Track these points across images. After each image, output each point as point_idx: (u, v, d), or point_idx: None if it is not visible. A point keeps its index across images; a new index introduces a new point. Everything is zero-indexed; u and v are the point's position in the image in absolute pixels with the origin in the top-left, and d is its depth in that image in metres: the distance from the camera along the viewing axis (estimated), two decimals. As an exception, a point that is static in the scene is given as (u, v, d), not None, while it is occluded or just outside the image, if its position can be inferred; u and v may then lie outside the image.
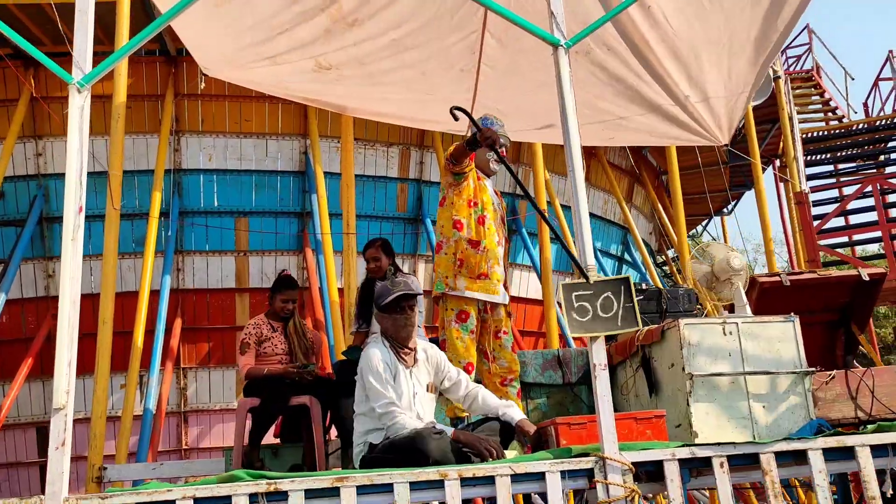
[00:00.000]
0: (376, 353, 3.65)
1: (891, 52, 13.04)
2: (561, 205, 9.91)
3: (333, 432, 5.82)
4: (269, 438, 5.42)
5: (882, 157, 13.54)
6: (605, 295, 3.37)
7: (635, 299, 3.39)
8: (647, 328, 4.80)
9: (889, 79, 13.32)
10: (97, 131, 8.47)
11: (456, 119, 4.41)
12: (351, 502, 3.11)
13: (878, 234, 9.52)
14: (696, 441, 3.95)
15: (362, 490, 3.14)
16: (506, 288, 4.99)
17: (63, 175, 3.65)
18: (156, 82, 9.26)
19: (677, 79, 5.95)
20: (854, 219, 11.35)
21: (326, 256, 7.84)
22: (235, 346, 9.49)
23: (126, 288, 8.85)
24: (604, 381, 3.26)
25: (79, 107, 3.34)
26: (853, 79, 15.46)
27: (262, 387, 5.02)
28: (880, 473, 3.31)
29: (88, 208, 4.11)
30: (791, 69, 15.75)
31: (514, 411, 3.75)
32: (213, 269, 9.29)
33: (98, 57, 3.31)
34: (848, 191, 13.14)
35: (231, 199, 9.33)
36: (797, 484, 7.08)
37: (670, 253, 15.93)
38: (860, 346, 5.63)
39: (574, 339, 9.52)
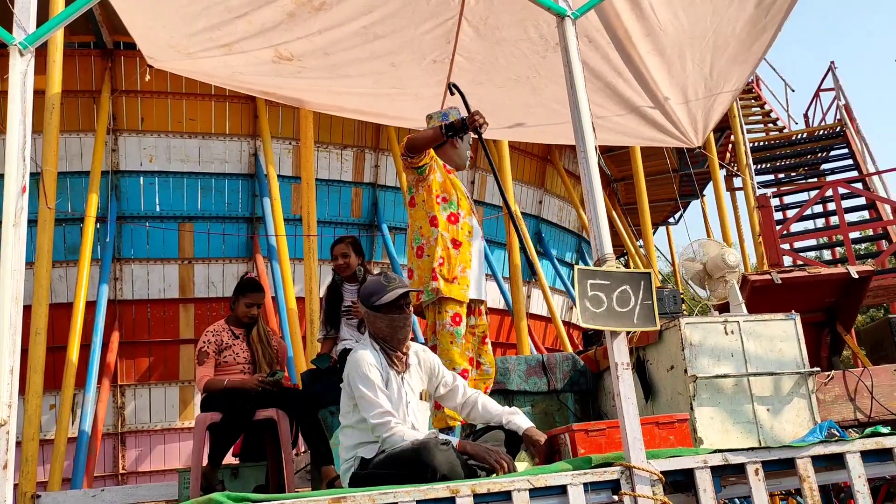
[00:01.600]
0: (366, 357, 3.25)
1: (832, 63, 13.34)
2: (521, 213, 9.66)
3: (300, 448, 5.37)
4: (226, 458, 4.93)
5: (822, 167, 13.81)
6: (623, 288, 3.07)
7: (655, 297, 3.09)
8: (640, 329, 4.54)
9: (830, 89, 13.62)
10: (27, 128, 7.81)
11: (451, 94, 4.07)
12: (349, 526, 2.70)
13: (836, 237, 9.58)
14: (702, 448, 3.69)
15: (362, 511, 2.73)
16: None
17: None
18: (91, 77, 8.63)
19: (658, 78, 5.76)
20: (803, 225, 11.49)
21: (282, 262, 7.36)
22: (178, 360, 8.96)
23: (57, 300, 8.16)
24: (627, 381, 2.94)
25: (21, 71, 2.86)
26: (793, 90, 15.78)
27: (222, 400, 4.54)
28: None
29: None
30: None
31: (520, 419, 3.40)
32: (155, 277, 8.67)
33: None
34: (789, 199, 13.38)
35: (174, 204, 8.74)
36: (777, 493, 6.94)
37: (622, 260, 15.90)
38: (846, 347, 5.50)
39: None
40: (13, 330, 2.66)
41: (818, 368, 4.15)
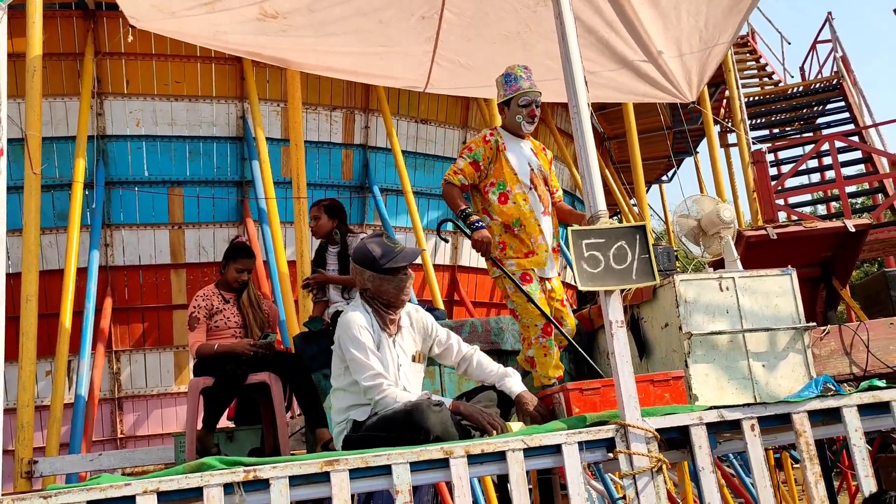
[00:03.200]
0: (358, 319, 3.20)
1: (829, 13, 13.13)
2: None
3: (294, 411, 5.37)
4: (222, 421, 4.92)
5: (818, 121, 13.68)
6: (619, 244, 3.02)
7: (651, 250, 3.05)
8: (634, 286, 4.50)
9: (827, 41, 13.43)
10: (9, 94, 7.66)
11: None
12: (343, 489, 2.69)
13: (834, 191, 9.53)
14: (697, 405, 3.68)
15: (356, 474, 2.72)
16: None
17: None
18: (73, 40, 8.44)
19: (652, 31, 5.64)
20: (798, 180, 11.43)
21: (273, 225, 7.28)
22: (172, 325, 8.93)
23: (48, 266, 8.09)
24: (621, 339, 2.91)
25: (-6, 30, 2.77)
26: (789, 43, 15.59)
27: (214, 365, 4.51)
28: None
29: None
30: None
31: (514, 382, 3.37)
32: (146, 243, 8.59)
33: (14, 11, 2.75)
34: (784, 154, 13.29)
35: (163, 168, 8.62)
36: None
37: (615, 219, 15.85)
38: (841, 302, 5.48)
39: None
40: (-5, 298, 2.61)
41: (814, 323, 4.13)
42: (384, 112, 9.12)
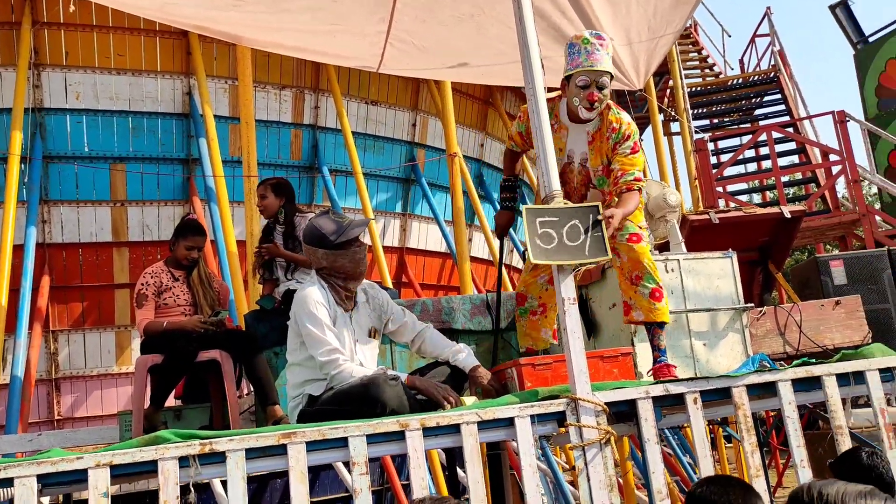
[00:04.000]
0: (314, 295, 3.22)
1: (768, 8, 13.53)
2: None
3: (244, 389, 5.34)
4: (169, 400, 4.87)
5: (756, 112, 14.12)
6: (572, 223, 3.10)
7: (604, 228, 3.14)
8: (584, 268, 4.62)
9: (766, 35, 13.84)
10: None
11: None
12: (300, 461, 2.71)
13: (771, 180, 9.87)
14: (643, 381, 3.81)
15: (313, 446, 2.75)
16: None
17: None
18: (9, 8, 8.12)
19: (602, 18, 5.74)
20: (736, 169, 11.80)
21: (221, 204, 7.17)
22: (113, 305, 8.73)
23: (-18, 243, 7.81)
24: (573, 316, 3.00)
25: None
26: (730, 36, 15.94)
27: (164, 342, 4.45)
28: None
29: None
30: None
31: (466, 357, 3.44)
32: (86, 220, 8.36)
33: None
34: (723, 144, 13.68)
35: (104, 144, 8.39)
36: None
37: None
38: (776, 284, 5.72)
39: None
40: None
41: (752, 305, 4.31)
42: (334, 92, 9.05)
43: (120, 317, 8.54)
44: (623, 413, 3.10)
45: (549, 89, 3.53)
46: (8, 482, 2.44)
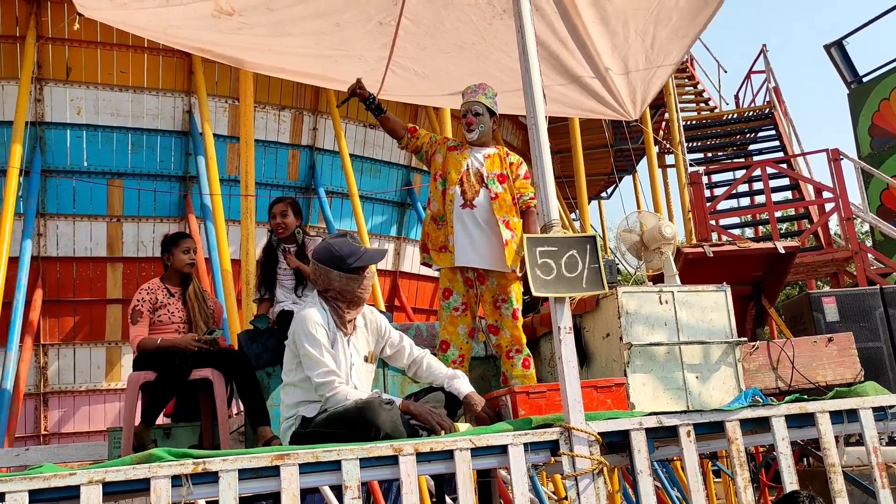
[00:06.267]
0: (314, 316, 3.23)
1: (764, 46, 13.73)
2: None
3: (234, 409, 5.32)
4: (159, 418, 4.85)
5: (750, 147, 14.27)
6: (570, 253, 3.13)
7: (601, 260, 3.17)
8: (578, 297, 4.64)
9: (761, 72, 14.03)
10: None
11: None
12: (292, 483, 2.71)
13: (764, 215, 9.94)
14: (636, 411, 3.82)
15: (306, 468, 2.74)
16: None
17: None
18: (14, 22, 8.18)
19: (601, 47, 5.82)
20: (728, 203, 11.88)
21: (217, 222, 7.19)
22: (105, 320, 8.69)
23: (-24, 254, 7.78)
24: (569, 345, 3.02)
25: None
26: (726, 72, 16.16)
27: (157, 359, 4.44)
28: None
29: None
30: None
31: (461, 383, 3.44)
32: (81, 235, 8.35)
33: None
34: (717, 178, 13.77)
35: (103, 159, 8.41)
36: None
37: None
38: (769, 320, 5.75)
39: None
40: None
41: (745, 339, 4.33)
42: (333, 115, 9.12)
43: (111, 332, 8.51)
44: (615, 444, 3.10)
45: (549, 119, 3.78)
46: (-2, 497, 2.42)
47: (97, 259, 8.43)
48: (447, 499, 5.34)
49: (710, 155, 15.13)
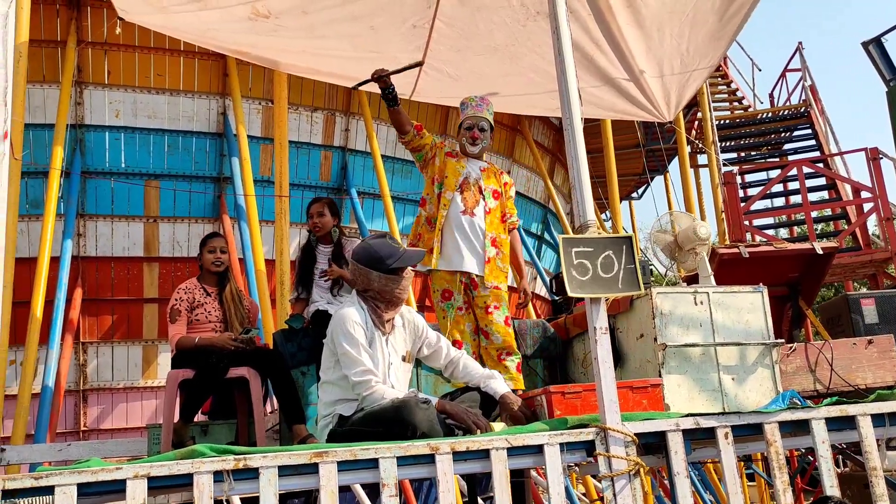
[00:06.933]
0: (353, 315, 3.27)
1: (800, 43, 13.52)
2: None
3: (269, 407, 5.39)
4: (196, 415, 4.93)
5: (785, 146, 14.07)
6: (606, 254, 3.13)
7: (637, 261, 3.16)
8: (612, 298, 4.62)
9: (797, 70, 13.83)
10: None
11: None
12: (331, 480, 2.74)
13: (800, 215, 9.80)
14: (672, 412, 3.80)
15: (343, 466, 2.77)
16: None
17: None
18: (55, 28, 8.36)
19: (635, 50, 5.80)
20: (763, 203, 11.73)
21: (251, 222, 7.28)
22: (142, 319, 8.85)
23: (19, 255, 7.95)
24: (605, 346, 3.02)
25: (2, 13, 2.79)
26: (760, 70, 15.96)
27: (195, 357, 4.53)
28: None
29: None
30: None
31: (498, 383, 3.46)
32: (119, 235, 8.51)
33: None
34: (750, 178, 13.60)
35: (140, 160, 8.57)
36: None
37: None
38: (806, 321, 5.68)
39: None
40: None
41: (782, 340, 4.29)
42: (365, 116, 9.18)
43: (148, 331, 8.65)
44: (651, 445, 3.10)
45: (584, 120, 3.80)
46: (49, 490, 2.49)
47: (134, 259, 8.58)
48: (479, 500, 5.35)
49: (743, 154, 14.95)
